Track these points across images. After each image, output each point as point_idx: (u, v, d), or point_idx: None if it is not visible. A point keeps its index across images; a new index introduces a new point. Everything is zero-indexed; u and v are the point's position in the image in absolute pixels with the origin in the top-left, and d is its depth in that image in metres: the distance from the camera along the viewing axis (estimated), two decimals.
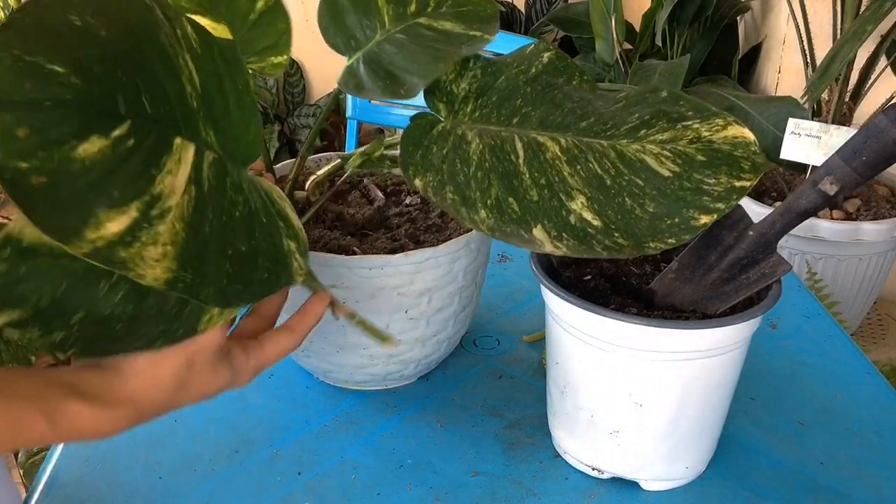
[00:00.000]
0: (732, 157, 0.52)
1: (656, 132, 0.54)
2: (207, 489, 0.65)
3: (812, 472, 0.67)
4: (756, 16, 2.42)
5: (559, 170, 0.52)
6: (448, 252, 0.66)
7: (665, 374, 0.58)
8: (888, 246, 1.80)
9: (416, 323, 0.69)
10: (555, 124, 0.56)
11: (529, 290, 0.94)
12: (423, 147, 0.54)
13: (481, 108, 0.59)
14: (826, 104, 1.89)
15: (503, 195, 0.51)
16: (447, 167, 0.52)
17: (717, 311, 0.61)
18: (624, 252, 0.49)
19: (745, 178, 0.51)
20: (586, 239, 0.49)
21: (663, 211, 0.50)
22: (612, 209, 0.51)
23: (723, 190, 0.51)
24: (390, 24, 0.64)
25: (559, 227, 0.50)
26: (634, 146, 0.54)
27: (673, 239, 0.50)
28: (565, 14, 2.40)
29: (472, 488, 0.65)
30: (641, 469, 0.64)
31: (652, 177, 0.52)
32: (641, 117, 0.55)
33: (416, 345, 0.71)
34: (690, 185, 0.51)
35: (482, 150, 0.53)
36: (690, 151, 0.53)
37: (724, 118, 0.54)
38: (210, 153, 0.42)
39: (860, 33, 1.52)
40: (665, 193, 0.51)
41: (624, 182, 0.52)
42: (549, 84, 0.60)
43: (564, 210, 0.50)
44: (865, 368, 0.81)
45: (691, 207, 0.50)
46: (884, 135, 0.52)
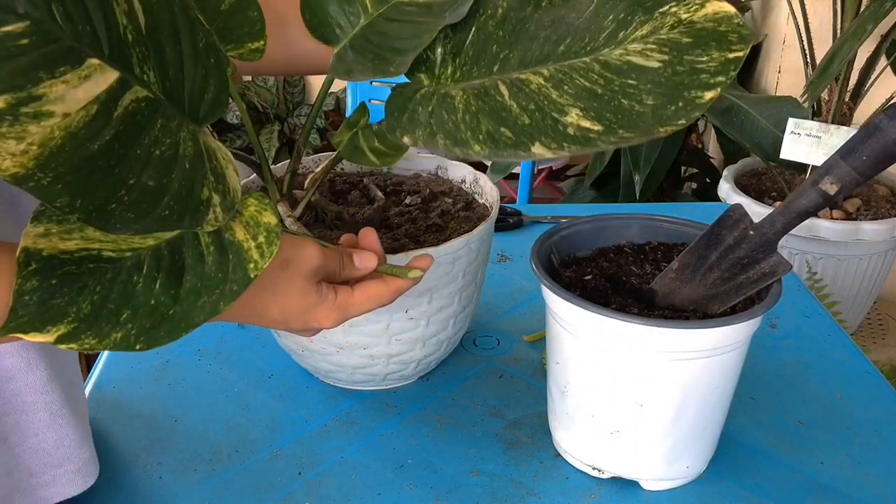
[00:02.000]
0: (718, 32, 0.52)
1: (634, 29, 0.54)
2: (207, 489, 0.65)
3: (812, 471, 0.67)
4: (756, 15, 2.42)
5: (546, 94, 0.53)
6: (448, 252, 0.66)
7: (665, 373, 0.58)
8: (888, 246, 1.80)
9: (416, 323, 0.69)
10: (534, 59, 0.57)
11: (529, 290, 0.94)
12: (409, 111, 0.54)
13: (461, 67, 0.60)
14: (826, 104, 1.89)
15: (494, 127, 0.51)
16: (434, 121, 0.53)
17: (717, 311, 0.61)
18: (633, 141, 0.50)
19: (736, 50, 0.51)
20: (590, 142, 0.50)
21: (664, 100, 0.51)
22: (610, 112, 0.51)
23: (717, 64, 0.51)
24: (372, 8, 0.65)
25: (558, 140, 0.50)
26: (617, 52, 0.54)
27: (682, 120, 0.50)
28: None
29: (473, 488, 0.65)
30: (642, 469, 0.64)
31: (643, 73, 0.52)
32: (616, 18, 0.55)
33: (417, 345, 0.71)
34: (683, 67, 0.51)
35: (467, 98, 0.54)
36: (674, 37, 0.53)
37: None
38: (142, 90, 0.44)
39: (860, 33, 1.52)
40: (660, 83, 0.51)
41: (616, 87, 0.52)
42: (518, 20, 0.60)
43: (560, 125, 0.51)
44: (865, 368, 0.81)
45: (691, 88, 0.50)
46: (884, 134, 0.52)
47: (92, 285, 0.44)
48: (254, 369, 0.80)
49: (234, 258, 0.48)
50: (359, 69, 0.61)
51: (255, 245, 0.49)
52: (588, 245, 0.70)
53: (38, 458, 0.59)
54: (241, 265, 0.48)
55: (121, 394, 0.77)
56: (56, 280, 0.43)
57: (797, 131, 1.54)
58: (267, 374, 0.80)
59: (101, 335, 0.44)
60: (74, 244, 0.45)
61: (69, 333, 0.43)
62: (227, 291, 0.47)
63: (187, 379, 0.79)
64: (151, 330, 0.45)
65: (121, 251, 0.46)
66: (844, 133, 1.49)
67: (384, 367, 0.73)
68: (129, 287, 0.45)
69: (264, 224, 0.50)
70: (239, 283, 0.48)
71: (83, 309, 0.43)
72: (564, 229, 0.69)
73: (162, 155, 0.45)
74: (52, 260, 0.43)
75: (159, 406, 0.75)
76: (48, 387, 0.58)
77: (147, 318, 0.45)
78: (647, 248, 0.70)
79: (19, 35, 0.37)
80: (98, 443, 0.71)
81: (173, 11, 0.47)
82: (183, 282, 0.47)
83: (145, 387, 0.78)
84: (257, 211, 0.51)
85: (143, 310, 0.45)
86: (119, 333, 0.44)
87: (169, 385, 0.78)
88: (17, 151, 0.38)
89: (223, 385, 0.78)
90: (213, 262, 0.48)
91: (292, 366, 0.80)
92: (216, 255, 0.48)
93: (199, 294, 0.47)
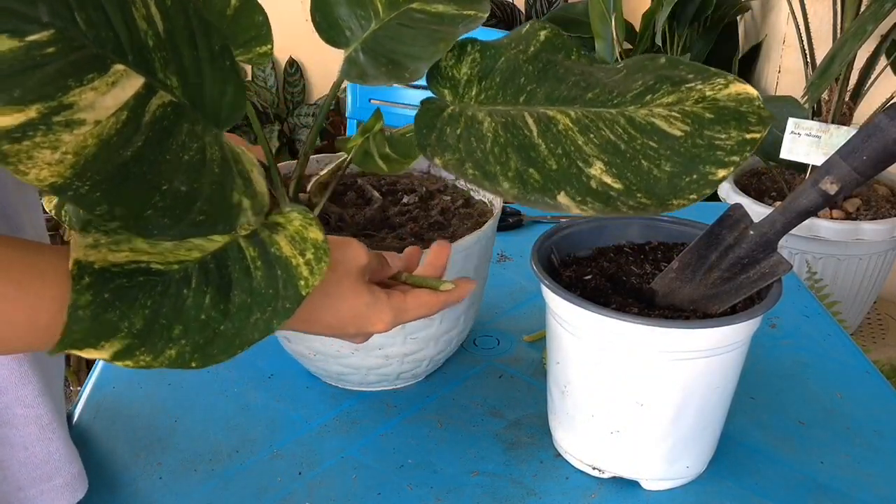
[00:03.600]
0: (739, 112, 0.53)
1: (661, 96, 0.56)
2: (207, 489, 0.65)
3: (812, 471, 0.67)
4: (756, 15, 2.42)
5: (573, 139, 0.54)
6: (462, 248, 0.67)
7: (665, 373, 0.58)
8: (888, 246, 1.80)
9: (431, 321, 0.70)
10: (561, 98, 0.58)
11: (529, 290, 0.94)
12: (437, 129, 0.55)
13: (486, 91, 0.60)
14: (826, 104, 1.89)
15: (522, 167, 0.52)
16: (463, 146, 0.53)
17: (717, 311, 0.61)
18: (649, 210, 0.51)
19: (754, 131, 0.52)
20: (610, 201, 0.51)
21: (680, 169, 0.52)
22: (631, 171, 0.52)
23: (735, 143, 0.52)
24: (384, 13, 0.65)
25: (582, 193, 0.51)
26: (643, 111, 0.55)
27: (694, 195, 0.51)
28: (565, 13, 2.40)
29: (473, 488, 0.65)
30: (642, 468, 0.64)
31: (664, 138, 0.53)
32: (645, 83, 0.57)
33: (430, 343, 0.71)
34: (703, 141, 0.52)
35: (495, 127, 0.55)
36: (698, 110, 0.54)
37: (726, 77, 0.56)
38: (166, 95, 0.44)
39: (861, 33, 1.52)
40: (679, 152, 0.52)
41: (637, 146, 0.53)
42: (549, 61, 0.61)
43: (584, 176, 0.52)
44: (865, 368, 0.81)
45: (707, 163, 0.51)
46: (884, 134, 0.52)
47: (143, 299, 0.43)
48: (254, 369, 0.80)
49: (284, 274, 0.47)
50: (372, 73, 0.61)
51: (303, 262, 0.48)
52: (588, 245, 0.70)
53: (27, 471, 0.59)
54: (291, 282, 0.47)
55: (121, 394, 0.77)
56: (108, 294, 0.42)
57: (797, 131, 1.54)
58: (267, 374, 0.80)
59: (155, 351, 0.43)
60: (124, 256, 0.44)
61: (124, 350, 0.42)
62: (279, 309, 0.46)
63: (187, 379, 0.79)
64: (205, 346, 0.44)
65: (168, 264, 0.45)
66: (844, 133, 1.49)
67: (398, 367, 0.73)
68: (179, 301, 0.44)
69: (311, 240, 0.49)
70: (291, 300, 0.47)
71: (135, 324, 0.42)
72: (564, 229, 0.69)
73: (191, 160, 0.45)
74: (103, 273, 0.42)
75: (159, 406, 0.75)
76: (38, 400, 0.58)
77: (199, 333, 0.44)
78: (647, 247, 0.70)
79: (45, 44, 0.37)
80: (98, 443, 0.71)
81: (188, 15, 0.47)
82: (231, 297, 0.46)
83: (145, 387, 0.78)
84: (303, 226, 0.50)
85: (194, 325, 0.44)
86: (173, 350, 0.43)
87: (169, 385, 0.78)
88: (52, 161, 0.38)
89: (223, 385, 0.78)
90: (261, 278, 0.47)
91: (292, 366, 0.80)
92: (264, 269, 0.47)
93: (250, 311, 0.46)
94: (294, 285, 0.47)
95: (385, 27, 0.65)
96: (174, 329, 0.43)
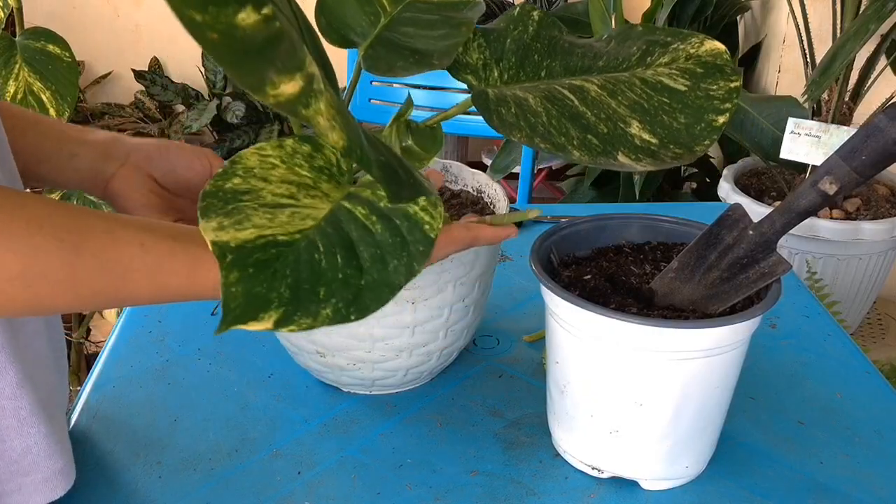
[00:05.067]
0: (717, 66, 0.61)
1: (658, 57, 0.63)
2: (207, 488, 0.65)
3: (812, 471, 0.67)
4: (756, 15, 2.42)
5: (608, 104, 0.59)
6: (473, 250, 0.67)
7: (665, 373, 0.58)
8: (888, 245, 1.80)
9: (467, 310, 0.71)
10: (578, 69, 0.63)
11: (529, 289, 0.94)
12: (493, 111, 0.57)
13: (507, 71, 0.63)
14: (826, 104, 1.89)
15: (581, 134, 0.56)
16: (524, 123, 0.56)
17: (716, 311, 0.61)
18: (684, 158, 0.57)
19: (734, 80, 0.60)
20: (654, 154, 0.56)
21: (692, 120, 0.58)
22: (659, 126, 0.58)
23: (724, 92, 0.59)
24: (391, 7, 0.66)
25: (634, 150, 0.56)
26: (650, 72, 0.62)
27: (707, 140, 0.58)
28: (565, 13, 2.40)
29: (472, 488, 0.65)
30: (641, 468, 0.64)
31: (674, 93, 0.60)
32: (640, 48, 0.64)
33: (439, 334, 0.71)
34: (702, 93, 0.60)
35: (540, 101, 0.58)
36: (690, 67, 0.62)
37: (697, 36, 0.63)
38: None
39: (862, 32, 1.52)
40: (688, 105, 0.59)
41: (656, 103, 0.59)
42: (552, 38, 0.66)
43: (628, 136, 0.57)
44: (865, 368, 0.81)
45: (709, 112, 0.59)
46: (883, 134, 0.52)
47: (281, 269, 0.45)
48: (253, 369, 0.80)
49: (405, 222, 0.49)
50: (401, 64, 0.63)
51: (419, 208, 0.50)
52: (588, 245, 0.70)
53: (5, 465, 0.57)
54: (416, 227, 0.49)
55: (120, 393, 0.77)
56: (252, 269, 0.44)
57: (797, 131, 1.54)
58: (267, 374, 0.80)
59: (311, 313, 0.44)
60: (250, 233, 0.45)
61: (283, 318, 0.44)
62: (414, 252, 0.48)
63: (187, 378, 0.79)
64: (356, 300, 0.46)
65: (290, 234, 0.47)
66: (844, 133, 1.49)
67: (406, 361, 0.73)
68: (315, 266, 0.46)
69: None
70: (423, 243, 0.49)
71: (283, 294, 0.44)
72: (564, 229, 0.69)
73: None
74: (240, 250, 0.44)
75: (159, 405, 0.75)
76: (17, 392, 0.56)
77: (345, 290, 0.46)
78: (646, 247, 0.70)
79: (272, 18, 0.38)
80: (97, 442, 0.71)
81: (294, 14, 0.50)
82: (359, 253, 0.48)
83: (145, 386, 0.78)
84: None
85: (335, 284, 0.46)
86: (328, 309, 0.45)
87: (169, 384, 0.78)
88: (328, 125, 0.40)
89: (223, 384, 0.78)
90: (382, 230, 0.49)
91: (292, 365, 0.80)
92: (382, 223, 0.49)
93: (384, 261, 0.47)
94: (420, 230, 0.49)
95: (396, 21, 0.66)
96: (319, 291, 0.45)
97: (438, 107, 1.53)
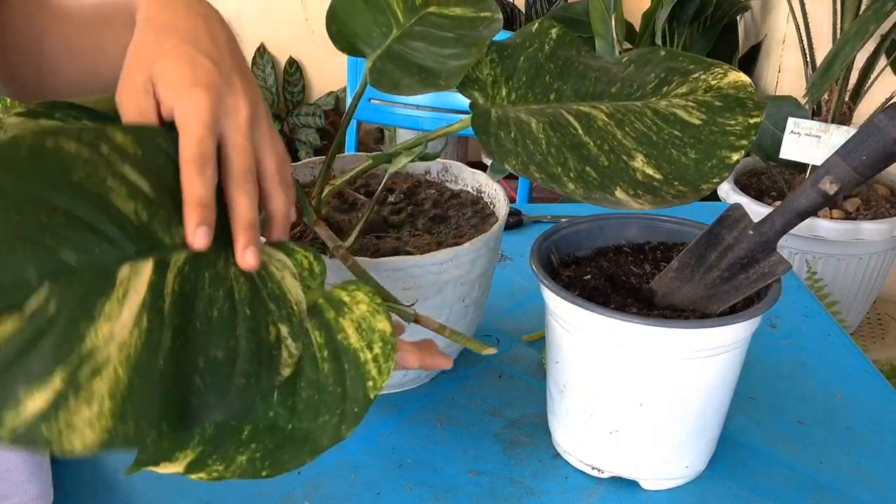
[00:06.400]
0: (739, 99, 0.58)
1: (675, 87, 0.60)
2: (206, 488, 0.65)
3: (812, 471, 0.67)
4: (756, 15, 2.42)
5: (613, 134, 0.57)
6: (495, 236, 0.68)
7: (665, 373, 0.58)
8: (888, 245, 1.80)
9: (467, 310, 0.70)
10: (589, 94, 0.61)
11: (529, 289, 0.94)
12: (493, 135, 0.56)
13: (516, 90, 0.62)
14: (826, 103, 1.89)
15: (580, 166, 0.54)
16: (522, 150, 0.55)
17: (716, 311, 0.61)
18: (688, 198, 0.54)
19: (755, 115, 0.57)
20: (656, 191, 0.54)
21: (702, 155, 0.56)
22: (666, 161, 0.56)
23: (742, 128, 0.57)
24: (404, 19, 0.65)
25: (633, 186, 0.54)
26: (663, 102, 0.59)
27: (717, 178, 0.55)
28: (565, 13, 2.40)
29: (472, 487, 0.65)
30: (641, 468, 0.64)
31: (686, 127, 0.57)
32: (657, 76, 0.61)
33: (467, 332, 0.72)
34: (717, 128, 0.57)
35: (543, 127, 0.56)
36: (708, 99, 0.59)
37: (722, 66, 0.60)
38: (180, 255, 0.40)
39: (862, 32, 1.52)
40: (700, 140, 0.57)
41: (665, 136, 0.57)
42: (567, 58, 0.64)
43: (630, 170, 0.55)
44: (865, 368, 0.81)
45: (723, 148, 0.56)
46: (883, 134, 0.52)
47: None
48: None
49: (352, 370, 0.44)
50: (406, 83, 0.60)
51: (371, 357, 0.44)
52: (587, 245, 0.70)
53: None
54: (360, 381, 0.44)
55: None
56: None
57: (797, 131, 1.54)
58: None
59: (227, 459, 0.41)
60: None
61: (197, 460, 0.40)
62: (348, 412, 0.43)
63: None
64: (275, 452, 0.42)
65: None
66: (844, 133, 1.49)
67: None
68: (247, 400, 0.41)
69: (379, 332, 0.45)
70: (359, 403, 0.43)
71: (207, 429, 0.40)
72: (564, 229, 0.69)
73: (221, 315, 0.40)
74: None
75: None
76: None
77: (268, 436, 0.42)
78: (646, 247, 0.70)
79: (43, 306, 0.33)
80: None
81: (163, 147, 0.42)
82: (298, 390, 0.43)
83: None
84: (370, 312, 0.46)
85: (262, 425, 0.42)
86: (244, 456, 0.41)
87: None
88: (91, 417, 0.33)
89: None
90: (328, 371, 0.44)
91: None
92: (331, 362, 0.44)
93: (317, 410, 0.43)
94: (363, 386, 0.43)
95: (408, 34, 0.64)
96: (243, 430, 0.41)
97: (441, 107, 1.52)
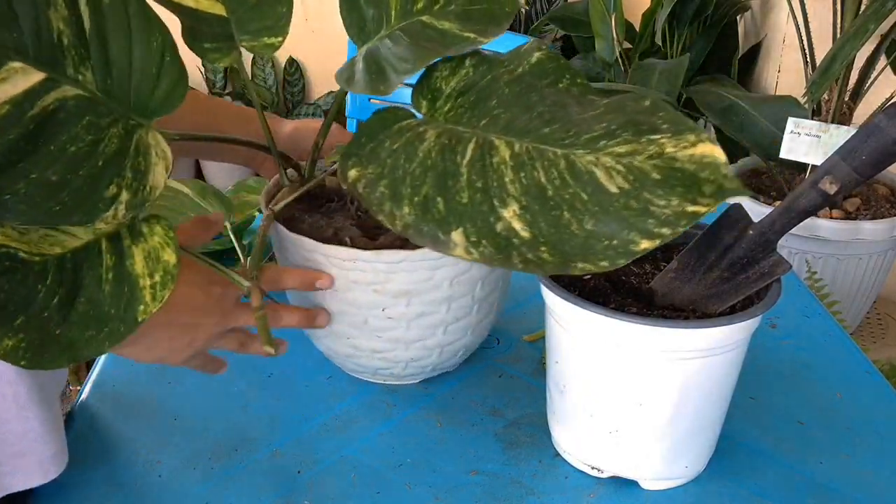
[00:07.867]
0: (694, 177, 0.45)
1: (616, 144, 0.49)
2: (207, 488, 0.65)
3: (812, 471, 0.67)
4: (756, 15, 2.42)
5: (501, 175, 0.49)
6: (424, 258, 0.64)
7: (665, 373, 0.58)
8: (888, 245, 1.80)
9: (396, 323, 0.68)
10: (517, 129, 0.54)
11: (529, 289, 0.94)
12: (377, 140, 0.54)
13: (458, 108, 0.58)
14: (826, 103, 1.89)
15: (433, 194, 0.49)
16: (391, 161, 0.52)
17: (716, 311, 0.61)
18: (545, 269, 0.46)
19: (701, 203, 0.44)
20: (507, 249, 0.47)
21: (602, 230, 0.46)
22: (547, 222, 0.47)
23: (672, 213, 0.44)
24: (395, 20, 0.65)
25: (481, 234, 0.47)
26: (588, 157, 0.49)
27: (606, 262, 0.45)
28: (565, 13, 2.40)
29: (472, 487, 0.65)
30: (641, 468, 0.64)
31: (598, 191, 0.47)
32: (608, 127, 0.50)
33: (399, 345, 0.70)
34: (638, 204, 0.46)
35: (431, 147, 0.53)
36: (646, 168, 0.47)
37: (697, 135, 0.47)
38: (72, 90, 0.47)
39: (862, 33, 1.52)
40: (608, 211, 0.46)
41: (567, 195, 0.47)
42: (529, 85, 0.57)
43: (493, 216, 0.48)
44: (865, 368, 0.81)
45: (633, 230, 0.45)
46: (883, 134, 0.52)
47: (1, 283, 0.45)
48: (254, 368, 0.80)
49: (129, 293, 0.48)
50: (358, 79, 0.62)
51: (149, 284, 0.49)
52: None
53: (4, 447, 0.60)
54: (133, 305, 0.48)
55: (121, 392, 0.77)
56: None
57: (797, 131, 1.54)
58: (267, 374, 0.80)
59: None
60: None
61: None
62: (114, 330, 0.47)
63: (187, 377, 0.79)
64: (39, 347, 0.45)
65: (32, 255, 0.47)
66: (844, 133, 1.49)
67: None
68: (32, 294, 0.46)
69: (164, 262, 0.50)
70: (127, 324, 0.48)
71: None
72: None
73: (77, 152, 0.46)
74: None
75: (159, 404, 0.75)
76: (16, 378, 0.59)
77: (36, 331, 0.45)
78: None
79: None
80: (97, 441, 0.71)
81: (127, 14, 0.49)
82: (76, 304, 0.47)
83: (145, 385, 0.78)
84: (161, 243, 0.50)
85: (35, 320, 0.45)
86: (10, 341, 0.45)
87: (169, 383, 0.78)
88: None
89: (223, 384, 0.78)
90: (109, 292, 0.48)
91: (292, 365, 0.80)
92: (113, 284, 0.48)
93: (87, 325, 0.47)
94: (135, 309, 0.48)
95: (390, 35, 0.64)
96: (18, 318, 0.45)
97: None
